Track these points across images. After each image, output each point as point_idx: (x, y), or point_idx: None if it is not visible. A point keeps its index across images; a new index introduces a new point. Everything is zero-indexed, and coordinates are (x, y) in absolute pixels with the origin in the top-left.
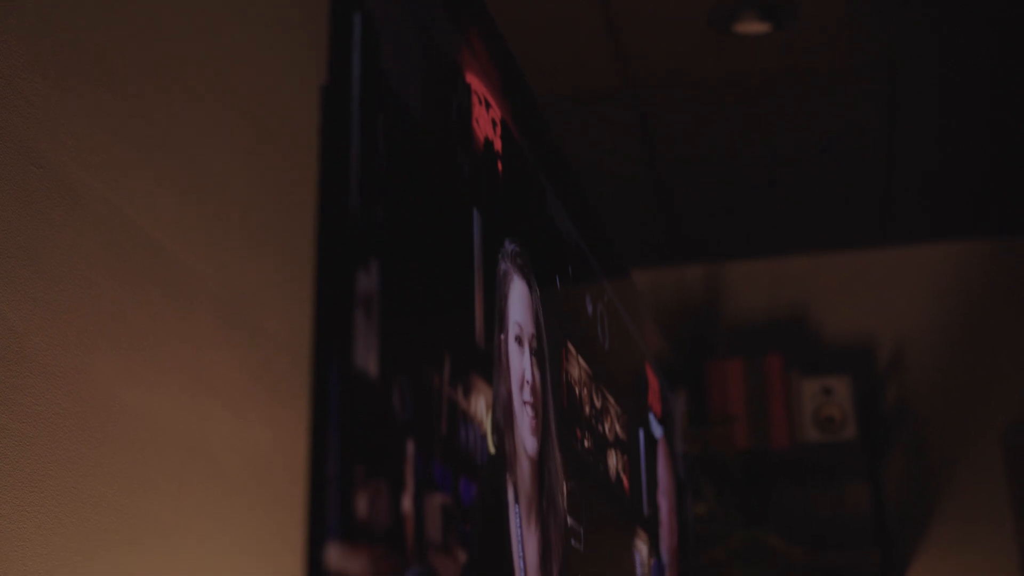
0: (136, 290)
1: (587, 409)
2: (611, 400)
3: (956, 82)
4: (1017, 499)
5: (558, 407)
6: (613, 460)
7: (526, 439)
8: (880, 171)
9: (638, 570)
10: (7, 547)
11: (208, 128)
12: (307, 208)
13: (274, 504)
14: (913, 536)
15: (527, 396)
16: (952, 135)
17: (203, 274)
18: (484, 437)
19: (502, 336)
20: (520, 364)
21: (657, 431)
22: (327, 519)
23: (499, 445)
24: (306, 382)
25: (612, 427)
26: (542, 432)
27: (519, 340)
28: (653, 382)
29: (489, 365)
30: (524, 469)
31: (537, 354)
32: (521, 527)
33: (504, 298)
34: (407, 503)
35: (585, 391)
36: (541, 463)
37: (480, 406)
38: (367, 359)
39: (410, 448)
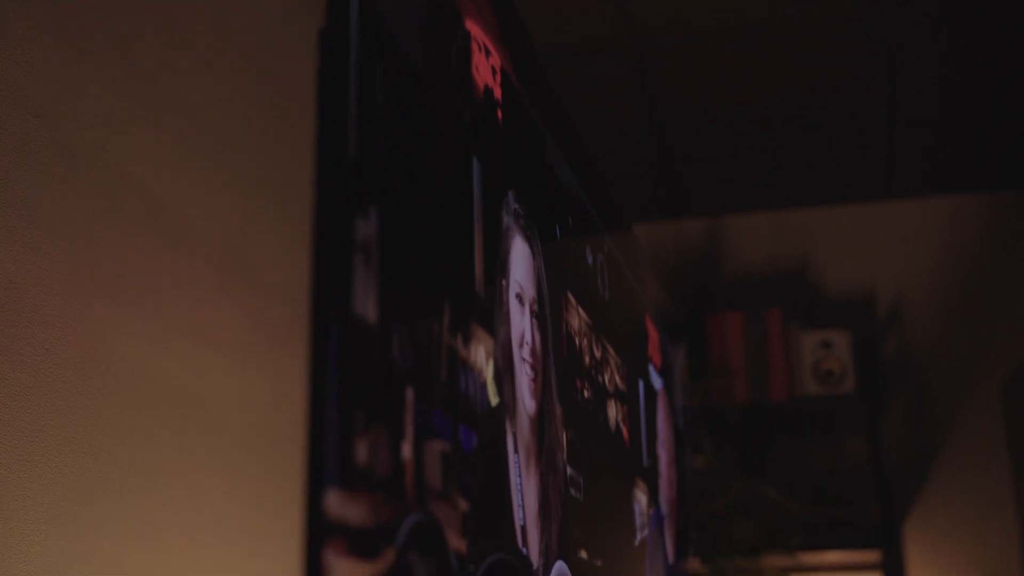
0: (135, 241)
1: (587, 359)
2: (611, 351)
3: (958, 34)
4: (1016, 451)
5: (558, 358)
6: (613, 410)
7: (525, 399)
8: (882, 124)
9: (637, 520)
10: (7, 497)
11: (205, 77)
12: (306, 158)
13: (274, 454)
14: (912, 488)
15: (527, 355)
16: (954, 88)
17: (202, 225)
18: (484, 386)
19: (504, 283)
20: (521, 323)
21: (657, 382)
22: (326, 465)
23: (500, 393)
24: (306, 333)
25: (612, 378)
26: (542, 394)
27: (520, 299)
28: (653, 334)
29: (490, 314)
30: (524, 422)
31: (538, 317)
32: (520, 476)
33: (507, 252)
34: (407, 450)
35: (585, 341)
36: (540, 421)
37: (480, 355)
38: (366, 305)
39: (410, 395)
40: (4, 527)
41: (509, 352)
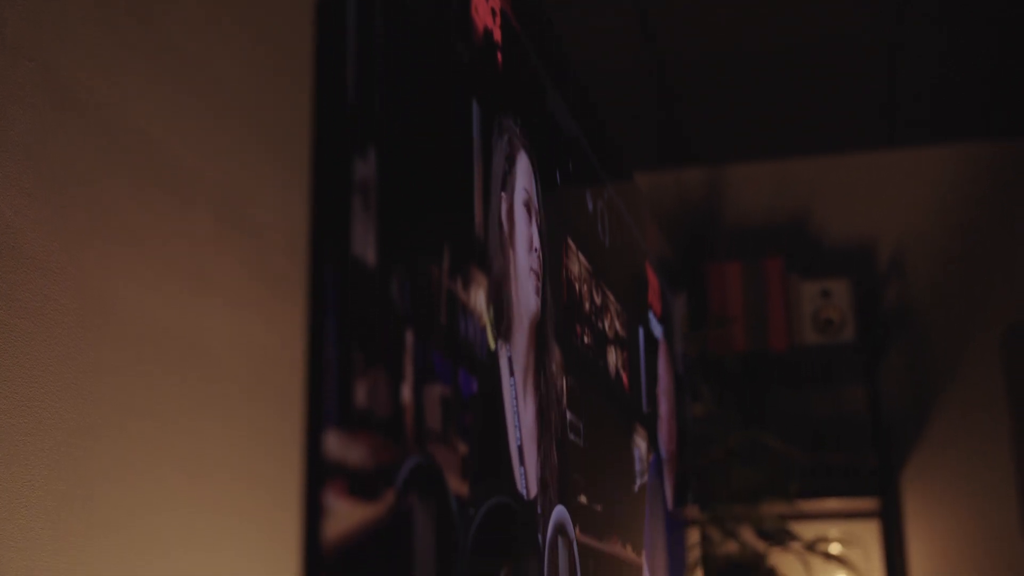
0: (132, 187)
1: (587, 305)
2: (611, 297)
3: None
4: (1015, 400)
5: (557, 299)
6: (613, 357)
7: (530, 300)
8: (884, 72)
9: (637, 466)
10: (7, 442)
11: (202, 20)
12: (305, 102)
13: (273, 398)
14: (910, 437)
15: (534, 263)
16: (959, 35)
17: (200, 171)
18: (484, 331)
19: (506, 199)
20: (528, 230)
21: (657, 330)
22: (325, 407)
23: (497, 317)
24: (304, 279)
25: (612, 324)
26: (543, 296)
27: (527, 206)
28: (653, 281)
29: (489, 258)
30: (521, 341)
31: (539, 223)
32: (517, 399)
33: (512, 163)
34: (406, 393)
35: (585, 287)
36: (540, 328)
37: (480, 299)
38: (365, 247)
39: (409, 338)
40: (5, 472)
41: (513, 270)
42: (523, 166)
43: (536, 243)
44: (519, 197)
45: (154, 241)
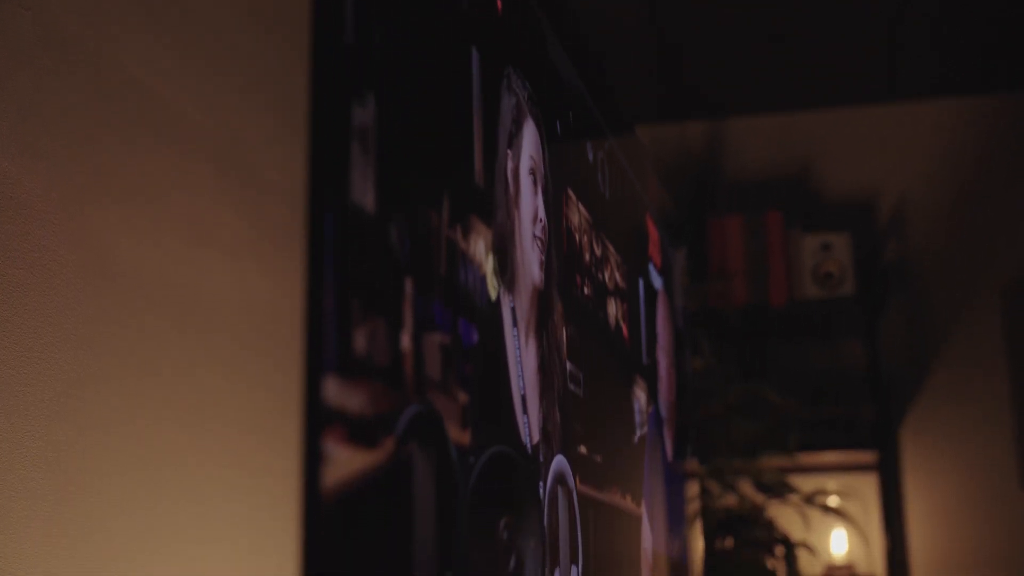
0: (130, 138)
1: (587, 256)
2: (611, 249)
3: None
4: (1014, 354)
5: (558, 252)
6: (613, 308)
7: (533, 271)
8: (886, 25)
9: (636, 417)
10: (7, 393)
11: None
12: (303, 51)
13: (273, 349)
14: (909, 391)
15: (539, 232)
16: None
17: (198, 122)
18: (484, 280)
19: (512, 159)
20: (533, 200)
21: (657, 282)
22: (324, 353)
23: (501, 269)
24: (303, 232)
25: (612, 275)
26: (547, 267)
27: (533, 175)
28: (653, 233)
29: (489, 207)
30: (525, 295)
31: (546, 193)
32: (520, 348)
33: (518, 127)
34: (406, 341)
35: (585, 238)
36: (543, 295)
37: (480, 248)
38: (363, 194)
39: (408, 286)
40: (5, 423)
41: (517, 234)
42: (530, 134)
43: (541, 214)
44: (525, 165)
45: (152, 193)
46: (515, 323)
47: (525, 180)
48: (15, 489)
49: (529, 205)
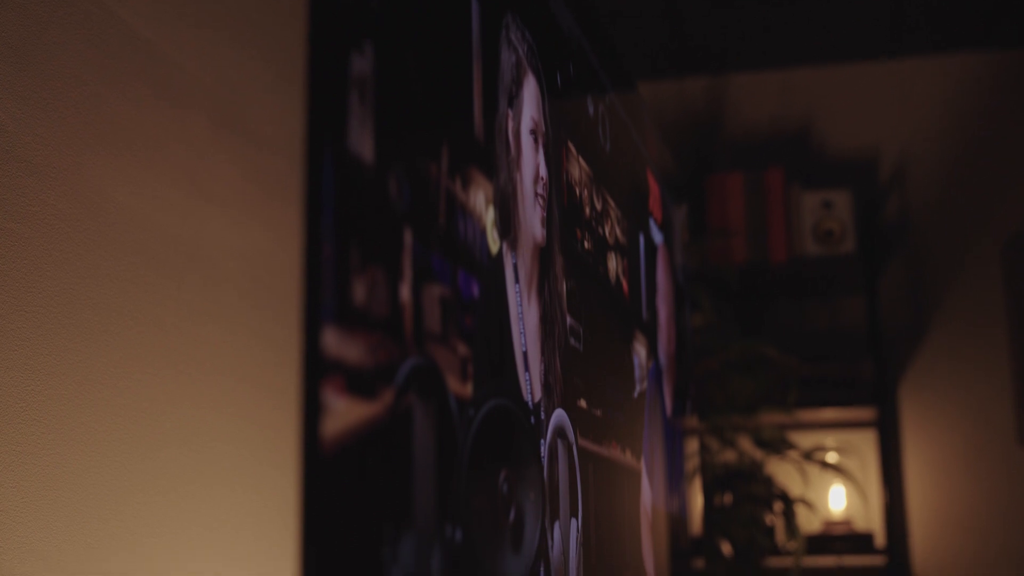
0: (127, 90)
1: (587, 210)
2: (611, 203)
3: None
4: (1013, 310)
5: (559, 205)
6: (613, 263)
7: (535, 229)
8: None
9: (636, 373)
10: (6, 347)
11: None
12: (300, 1)
13: (272, 303)
14: (908, 348)
15: (540, 190)
16: None
17: (195, 74)
18: (484, 233)
19: (513, 119)
20: (534, 159)
21: (657, 237)
22: (323, 303)
23: (503, 229)
24: (302, 181)
25: (612, 230)
26: (548, 223)
27: (534, 134)
28: (654, 188)
29: (489, 160)
30: (527, 251)
31: (546, 149)
32: (522, 305)
33: (519, 86)
34: (405, 292)
35: (585, 192)
36: (545, 252)
37: (479, 200)
38: (362, 143)
39: (407, 237)
40: (5, 376)
41: (520, 194)
42: (531, 91)
43: (543, 172)
44: (526, 124)
45: (149, 146)
46: (517, 280)
47: (526, 139)
48: (16, 442)
49: (530, 164)
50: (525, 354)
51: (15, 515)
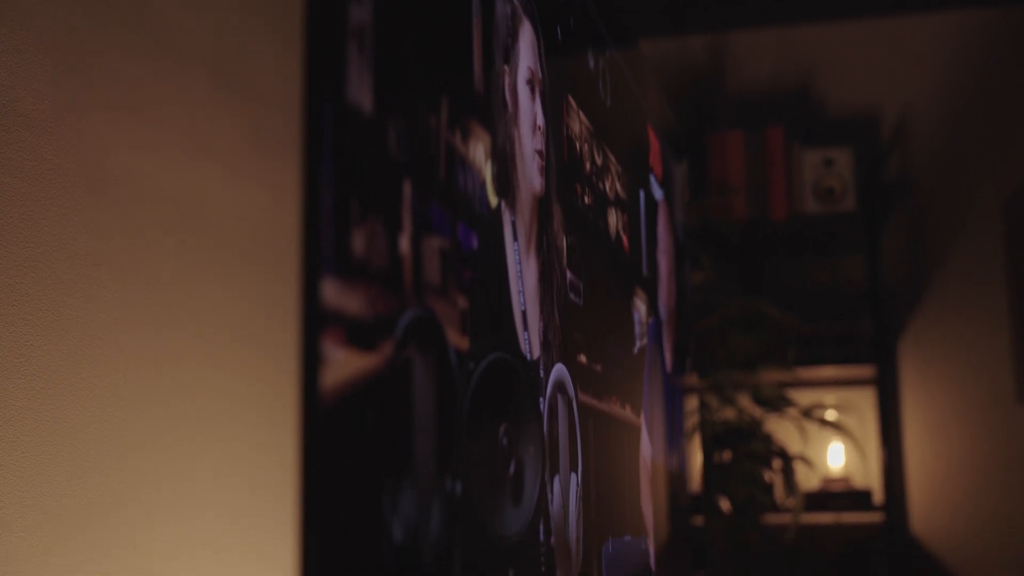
0: (125, 44)
1: (587, 165)
2: (612, 158)
3: None
4: (1013, 269)
5: (558, 159)
6: (613, 219)
7: (534, 179)
8: None
9: (636, 328)
10: (4, 302)
11: None
12: None
13: (272, 260)
14: (908, 306)
15: (538, 144)
16: None
17: (194, 30)
18: (484, 186)
19: (509, 74)
20: (532, 108)
21: (658, 192)
22: (322, 254)
23: (501, 189)
24: (300, 144)
25: (613, 185)
26: (547, 174)
27: (531, 84)
28: (654, 143)
29: (489, 112)
30: (526, 206)
31: (544, 97)
32: (520, 263)
33: (514, 37)
34: (404, 244)
35: (586, 147)
36: (544, 202)
37: (479, 153)
38: (360, 94)
39: (407, 189)
40: (5, 331)
41: (518, 147)
42: (527, 41)
43: (540, 121)
44: (522, 76)
45: (148, 102)
46: (516, 239)
47: (523, 91)
48: (16, 397)
49: (528, 116)
50: (524, 313)
51: (15, 470)
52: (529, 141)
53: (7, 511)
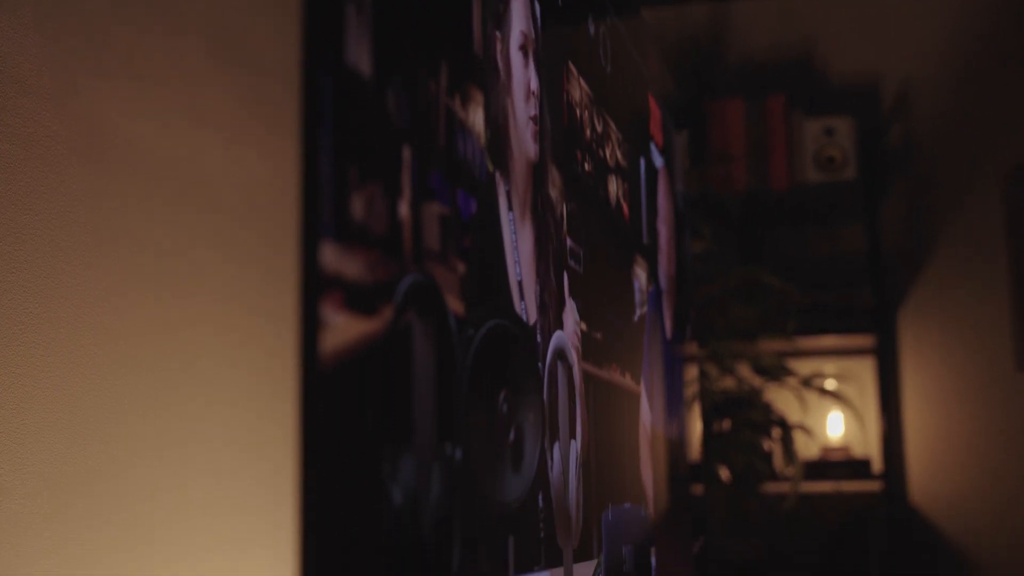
0: (122, 11)
1: (588, 132)
2: (612, 126)
3: None
4: (1014, 239)
5: (557, 126)
6: (613, 186)
7: (528, 146)
8: None
9: (636, 296)
10: (3, 269)
11: None
12: None
13: (271, 228)
14: (909, 276)
15: (532, 109)
16: None
17: None
18: (483, 152)
19: (501, 41)
20: (525, 75)
21: (658, 160)
22: (322, 218)
23: (495, 159)
24: (299, 96)
25: (613, 153)
26: (541, 139)
27: (523, 49)
28: (655, 111)
29: (488, 77)
30: (520, 175)
31: (537, 60)
32: (516, 233)
33: (506, 2)
34: (404, 209)
35: (586, 113)
36: (538, 168)
37: (479, 119)
38: (359, 57)
39: (406, 154)
40: (4, 299)
41: (512, 115)
42: (519, 3)
43: (534, 86)
44: (515, 41)
45: (145, 69)
46: (511, 209)
47: (515, 56)
48: (14, 366)
49: (521, 82)
50: (520, 283)
51: (15, 437)
52: (523, 107)
53: (7, 478)
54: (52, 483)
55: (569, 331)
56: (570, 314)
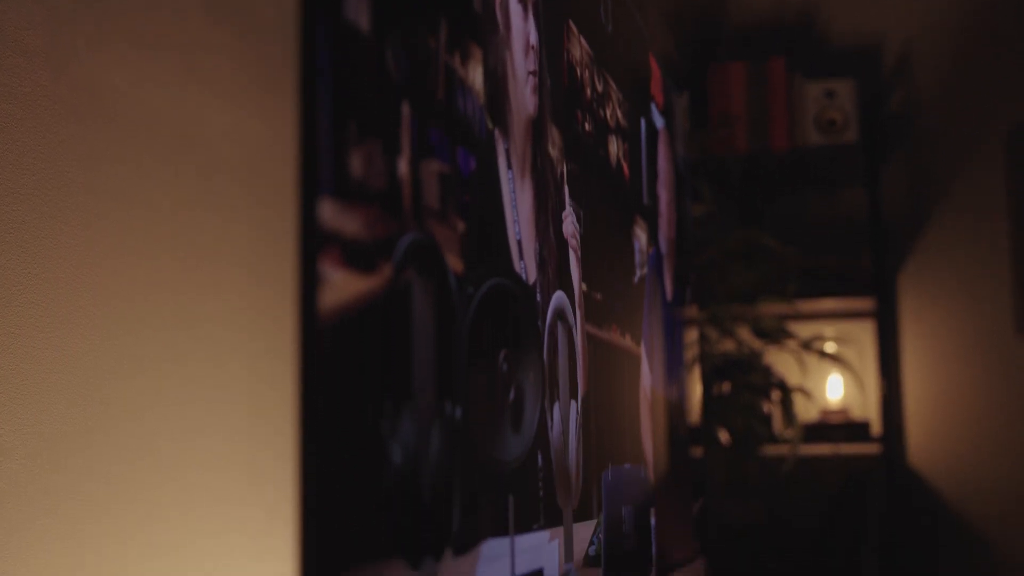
0: None
1: (588, 92)
2: (612, 86)
3: None
4: (1014, 202)
5: (558, 85)
6: (614, 147)
7: (527, 101)
8: None
9: (636, 258)
10: (5, 230)
11: None
12: None
13: (269, 189)
14: (909, 239)
15: (531, 64)
16: None
17: None
18: (483, 109)
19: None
20: (524, 28)
21: (659, 121)
22: (320, 175)
23: (494, 116)
24: (297, 52)
25: (614, 113)
26: (540, 94)
27: (523, 2)
28: (656, 71)
29: (487, 31)
30: (519, 132)
31: (536, 14)
32: (515, 192)
33: None
34: (403, 167)
35: (586, 73)
36: (537, 123)
37: (478, 77)
38: (358, 12)
39: (406, 111)
40: (2, 260)
41: (510, 70)
42: None
43: (533, 39)
44: None
45: (144, 30)
46: (510, 167)
47: (515, 8)
48: (14, 321)
49: (520, 36)
50: (520, 242)
51: (14, 396)
52: (522, 62)
53: (8, 438)
54: (52, 442)
55: (568, 232)
56: (569, 216)
